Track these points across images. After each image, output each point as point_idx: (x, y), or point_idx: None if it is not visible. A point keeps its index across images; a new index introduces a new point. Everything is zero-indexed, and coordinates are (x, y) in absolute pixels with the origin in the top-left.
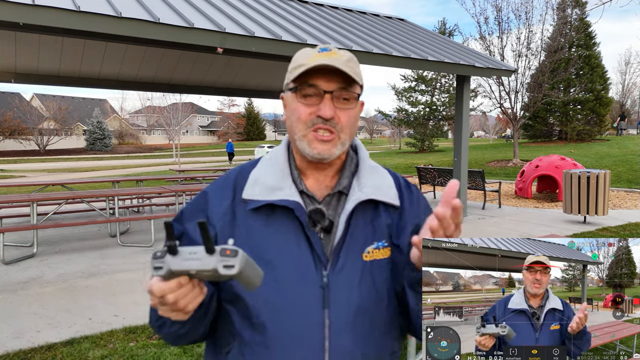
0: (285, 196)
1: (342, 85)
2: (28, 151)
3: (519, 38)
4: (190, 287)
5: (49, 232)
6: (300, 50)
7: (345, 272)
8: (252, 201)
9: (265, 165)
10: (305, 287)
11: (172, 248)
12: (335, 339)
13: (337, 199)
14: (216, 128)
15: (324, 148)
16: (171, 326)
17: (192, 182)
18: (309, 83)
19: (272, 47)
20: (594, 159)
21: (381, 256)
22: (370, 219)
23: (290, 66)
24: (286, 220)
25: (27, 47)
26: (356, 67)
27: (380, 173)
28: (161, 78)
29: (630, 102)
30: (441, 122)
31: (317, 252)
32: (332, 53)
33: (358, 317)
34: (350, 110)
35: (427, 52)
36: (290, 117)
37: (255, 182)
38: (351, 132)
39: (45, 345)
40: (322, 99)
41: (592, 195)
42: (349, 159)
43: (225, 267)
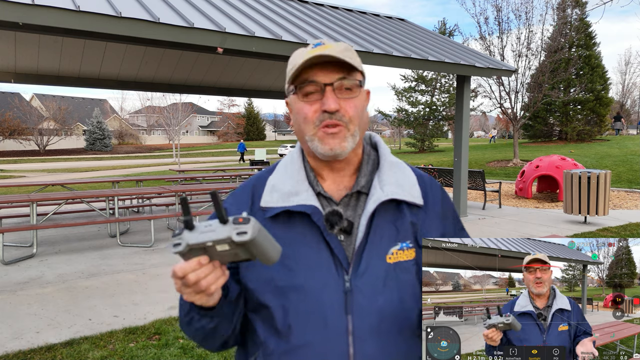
0: (302, 201)
1: (341, 75)
2: (28, 151)
3: (519, 38)
4: (210, 267)
5: (48, 232)
6: (295, 51)
7: (368, 275)
8: (270, 209)
9: (281, 171)
10: (327, 293)
11: (189, 222)
12: (359, 345)
13: (356, 199)
14: (216, 128)
15: (335, 142)
16: (199, 321)
17: (192, 182)
18: (308, 80)
19: (272, 47)
20: (594, 159)
21: (406, 258)
22: (393, 219)
23: (287, 69)
24: (304, 226)
25: (26, 47)
26: (353, 55)
27: (403, 170)
28: (161, 78)
29: (630, 102)
30: (441, 122)
31: (338, 256)
32: (325, 46)
33: (383, 322)
34: (355, 99)
35: (428, 52)
36: (297, 119)
37: (272, 189)
38: (360, 122)
39: (44, 346)
40: (324, 93)
41: (592, 196)
42: (365, 157)
43: (239, 234)
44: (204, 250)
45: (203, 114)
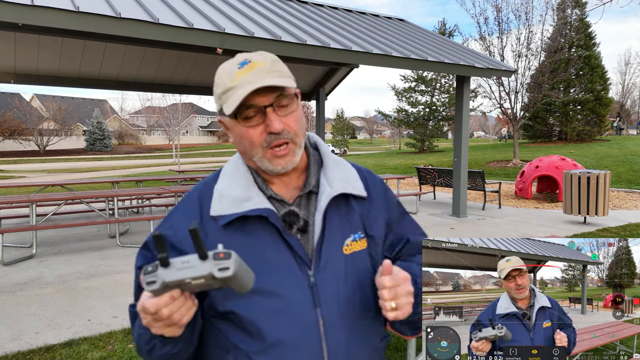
0: (255, 205)
1: (277, 92)
2: (28, 152)
3: (518, 38)
4: (183, 300)
5: (48, 233)
6: (219, 68)
7: (329, 268)
8: (222, 217)
9: (227, 179)
10: (294, 290)
11: (164, 260)
12: (331, 336)
13: (307, 198)
14: (216, 128)
15: (286, 161)
16: (162, 348)
17: (192, 182)
18: (247, 105)
19: (272, 48)
20: (594, 159)
21: (359, 247)
22: (344, 212)
23: (216, 89)
24: (261, 229)
25: (26, 47)
26: (282, 67)
27: (345, 165)
28: (161, 78)
29: (630, 102)
30: (441, 123)
31: (299, 254)
32: (253, 65)
33: (348, 310)
34: (294, 112)
35: (427, 53)
36: (241, 142)
37: (221, 197)
38: (302, 132)
39: (44, 346)
40: (265, 115)
41: (592, 196)
42: (311, 158)
43: (221, 270)
44: (178, 285)
45: (203, 114)
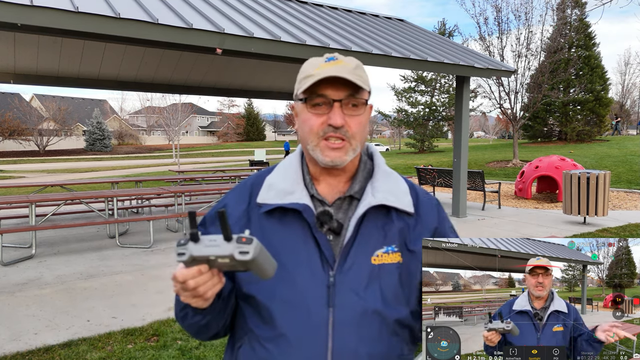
0: (295, 199)
1: (350, 92)
2: (27, 152)
3: (518, 38)
4: (209, 275)
5: (47, 233)
6: (307, 60)
7: (352, 273)
8: (265, 205)
9: (279, 172)
10: (312, 286)
11: (194, 235)
12: (338, 338)
13: (348, 202)
14: (216, 128)
15: (336, 155)
16: (193, 317)
17: (192, 182)
18: (318, 93)
19: (271, 48)
20: (593, 159)
21: (390, 261)
22: (381, 224)
23: (298, 76)
24: (296, 223)
25: (26, 47)
26: (363, 74)
27: (395, 179)
28: (161, 79)
29: (630, 102)
30: (441, 123)
31: (325, 253)
32: (338, 62)
33: (364, 318)
34: (360, 116)
35: (427, 53)
36: (302, 127)
37: (269, 187)
38: (362, 137)
39: (43, 347)
40: (332, 107)
41: (592, 196)
42: (362, 165)
43: (241, 253)
44: (206, 261)
45: (203, 115)
